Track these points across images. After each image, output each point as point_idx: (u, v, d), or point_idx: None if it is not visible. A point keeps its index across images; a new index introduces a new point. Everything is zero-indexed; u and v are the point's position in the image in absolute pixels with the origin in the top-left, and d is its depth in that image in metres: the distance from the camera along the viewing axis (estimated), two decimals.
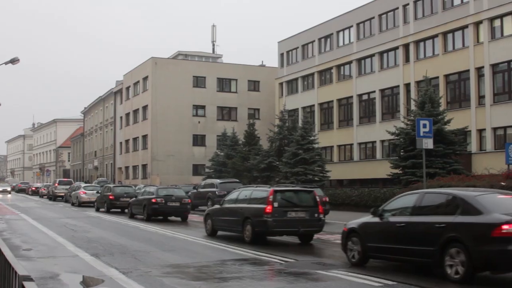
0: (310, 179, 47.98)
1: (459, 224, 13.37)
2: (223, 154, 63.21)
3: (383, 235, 15.64)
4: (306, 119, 54.35)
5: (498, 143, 43.57)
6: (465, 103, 46.94)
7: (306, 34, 67.74)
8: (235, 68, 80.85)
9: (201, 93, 77.55)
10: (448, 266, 13.45)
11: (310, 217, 21.83)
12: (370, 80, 56.82)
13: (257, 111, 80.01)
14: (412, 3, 52.53)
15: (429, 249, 13.82)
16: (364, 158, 57.65)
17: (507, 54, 43.52)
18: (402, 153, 40.72)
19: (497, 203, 13.72)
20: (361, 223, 16.66)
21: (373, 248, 15.80)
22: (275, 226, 21.26)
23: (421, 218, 14.65)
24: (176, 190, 38.31)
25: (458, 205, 13.80)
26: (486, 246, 12.68)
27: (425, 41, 51.33)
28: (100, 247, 20.22)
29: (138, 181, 74.68)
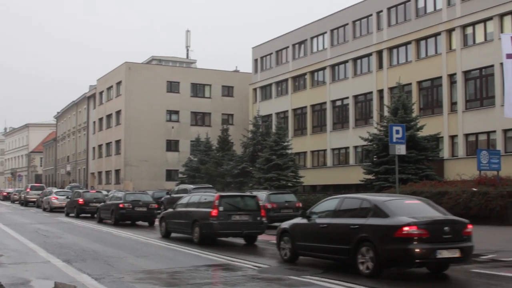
0: (284, 184, 48.05)
1: (369, 226, 15.01)
2: (196, 159, 63.13)
3: (310, 235, 17.23)
4: (280, 124, 54.43)
5: (470, 149, 43.91)
6: (438, 109, 47.25)
7: (280, 40, 67.85)
8: (209, 73, 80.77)
9: (175, 98, 77.36)
10: (360, 263, 15.07)
11: (253, 220, 23.66)
12: (344, 86, 57.01)
13: (231, 116, 80.00)
14: (386, 10, 52.84)
15: (346, 247, 15.42)
16: (338, 164, 57.80)
17: (479, 61, 43.90)
18: (375, 159, 40.91)
19: (403, 207, 15.36)
20: (292, 224, 18.37)
21: (301, 247, 17.53)
22: (220, 228, 23.11)
23: (340, 220, 16.22)
24: (144, 195, 38.88)
25: (369, 209, 15.44)
26: (390, 245, 14.33)
27: (399, 48, 51.63)
28: (72, 253, 20.08)
29: (111, 187, 74.29)
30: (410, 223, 14.19)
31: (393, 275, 15.36)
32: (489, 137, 43.38)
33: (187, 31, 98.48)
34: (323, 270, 16.01)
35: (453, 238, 14.52)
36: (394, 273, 15.53)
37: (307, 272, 15.74)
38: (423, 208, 15.60)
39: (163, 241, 24.37)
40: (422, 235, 14.09)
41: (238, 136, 62.09)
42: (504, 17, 42.77)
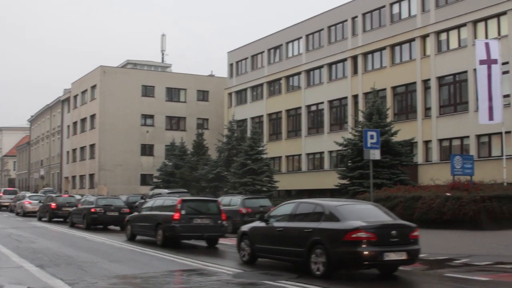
0: (259, 189, 48.08)
1: (322, 230, 15.67)
2: (171, 164, 62.97)
3: (267, 238, 17.90)
4: (255, 129, 54.48)
5: (444, 154, 44.20)
6: (412, 114, 47.53)
7: (255, 44, 67.90)
8: (184, 77, 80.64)
9: (150, 103, 77.16)
10: (313, 264, 15.68)
11: (214, 223, 24.55)
12: (319, 91, 57.17)
13: (206, 121, 79.92)
14: (361, 15, 53.07)
15: (300, 250, 16.09)
16: (312, 168, 57.91)
17: (452, 67, 44.24)
18: (350, 164, 41.04)
19: (354, 212, 16.03)
20: (251, 227, 19.08)
21: (260, 249, 18.21)
22: (182, 231, 23.95)
23: (295, 224, 16.98)
24: (116, 200, 38.99)
25: (322, 213, 16.16)
26: (340, 248, 15.01)
27: (373, 53, 51.88)
28: (45, 257, 19.92)
29: (85, 191, 73.87)
30: (359, 227, 14.89)
31: (369, 277, 15.73)
32: (462, 142, 43.69)
33: (163, 35, 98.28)
34: (298, 275, 16.00)
35: (400, 242, 15.21)
36: (371, 276, 15.88)
37: (282, 277, 15.71)
38: (374, 213, 16.34)
39: (136, 245, 24.30)
40: (370, 239, 14.75)
41: (213, 140, 62.05)
42: (478, 23, 43.16)
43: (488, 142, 41.96)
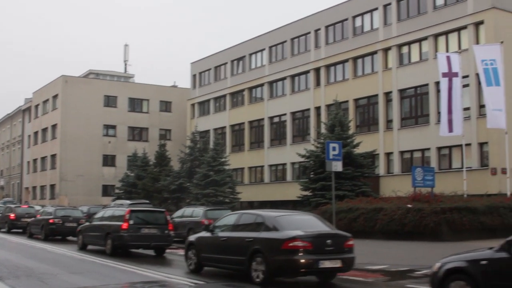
0: (221, 200, 48.04)
1: (261, 239, 16.30)
2: (133, 174, 62.57)
3: (212, 247, 18.49)
4: (218, 140, 54.42)
5: (405, 166, 44.56)
6: (374, 127, 47.88)
7: (219, 56, 67.92)
8: (147, 88, 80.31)
9: (112, 113, 76.73)
10: (254, 272, 16.24)
11: (161, 233, 25.30)
12: (282, 103, 57.33)
13: (169, 132, 79.63)
14: (324, 28, 53.39)
15: (242, 258, 16.64)
16: (275, 180, 57.97)
17: (414, 80, 44.71)
18: (312, 176, 41.17)
19: (293, 222, 16.78)
20: (197, 237, 19.73)
21: (205, 258, 18.76)
22: (130, 240, 24.76)
23: (238, 234, 17.56)
24: (74, 211, 38.89)
25: (262, 223, 16.78)
26: (278, 256, 15.59)
27: (336, 66, 52.20)
28: (5, 269, 19.61)
29: (46, 202, 73.03)
30: (296, 237, 15.53)
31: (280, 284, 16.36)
32: (423, 154, 44.11)
33: (126, 45, 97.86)
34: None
35: (335, 250, 15.89)
36: (310, 284, 16.51)
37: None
38: (312, 223, 17.06)
39: (97, 257, 24.09)
40: (306, 247, 15.38)
41: (175, 151, 61.84)
42: (439, 37, 43.72)
43: (449, 154, 42.41)
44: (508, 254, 11.12)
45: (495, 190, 36.31)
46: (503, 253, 11.22)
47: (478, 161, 40.09)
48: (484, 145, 40.07)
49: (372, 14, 49.28)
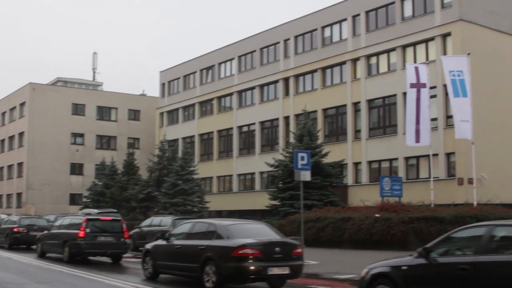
0: (189, 210, 47.87)
1: (213, 247, 17.02)
2: (101, 183, 62.14)
3: (167, 255, 19.10)
4: (186, 149, 54.25)
5: (373, 176, 44.81)
6: (342, 136, 48.10)
7: (188, 64, 67.86)
8: (116, 96, 79.96)
9: (80, 121, 76.25)
10: (206, 279, 16.87)
11: (117, 241, 26.16)
12: (250, 112, 57.39)
13: (137, 140, 79.32)
14: (293, 38, 53.59)
15: (195, 265, 17.29)
16: (243, 189, 57.97)
17: (382, 91, 45.04)
18: (281, 185, 41.22)
19: (244, 230, 17.55)
20: (153, 245, 20.38)
21: (161, 265, 19.37)
22: (87, 248, 25.53)
23: (191, 242, 18.28)
24: (39, 219, 38.77)
25: (214, 232, 17.59)
26: (229, 263, 16.27)
27: (305, 76, 52.40)
28: None
29: (13, 210, 72.23)
30: (245, 244, 16.25)
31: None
32: (391, 164, 44.39)
33: (94, 53, 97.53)
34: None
35: (283, 258, 16.60)
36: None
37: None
38: (263, 231, 17.93)
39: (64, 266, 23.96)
40: (255, 255, 16.09)
41: (144, 160, 61.56)
42: (407, 48, 44.09)
43: (416, 164, 42.72)
44: (426, 260, 12.24)
45: (461, 200, 36.62)
46: (421, 259, 12.34)
47: (445, 171, 40.44)
48: (451, 155, 40.44)
49: (341, 24, 49.57)
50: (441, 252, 12.34)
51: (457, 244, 12.59)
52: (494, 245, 11.71)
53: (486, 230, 11.94)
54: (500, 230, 11.95)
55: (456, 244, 12.61)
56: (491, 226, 12.04)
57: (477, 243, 11.88)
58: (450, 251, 12.43)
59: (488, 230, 11.88)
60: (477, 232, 12.24)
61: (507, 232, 12.07)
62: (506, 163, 41.02)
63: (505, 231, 12.07)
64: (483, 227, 12.21)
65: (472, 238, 12.36)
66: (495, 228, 11.96)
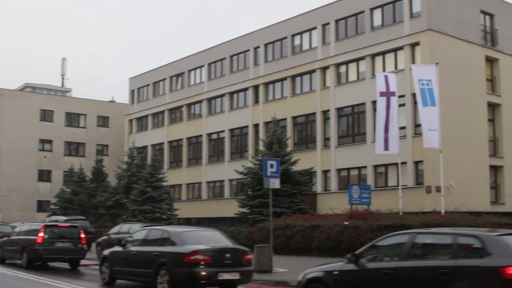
0: (158, 217, 47.69)
1: (166, 253, 17.74)
2: (69, 190, 61.75)
3: (123, 261, 19.72)
4: (155, 156, 54.00)
5: (342, 183, 45.00)
6: (312, 144, 48.23)
7: (157, 71, 67.69)
8: (85, 103, 79.49)
9: (49, 127, 75.67)
10: (159, 284, 17.50)
11: (74, 247, 26.79)
12: (220, 119, 57.36)
13: (106, 147, 78.91)
14: (263, 46, 53.68)
15: (149, 271, 17.92)
16: (213, 197, 57.88)
17: (351, 99, 45.26)
18: (250, 193, 41.24)
19: (196, 237, 18.25)
20: (110, 251, 20.97)
21: (118, 271, 19.96)
22: (45, 253, 26.04)
23: (146, 248, 18.93)
24: (4, 226, 39.29)
25: (168, 238, 18.30)
26: (181, 269, 16.98)
27: (274, 83, 52.48)
28: None
29: None
30: (196, 251, 17.00)
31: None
32: (360, 172, 44.59)
33: (63, 59, 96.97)
34: None
35: (233, 263, 17.43)
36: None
37: None
38: (215, 238, 18.67)
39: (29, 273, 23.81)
40: (206, 260, 16.87)
41: (113, 167, 61.25)
42: (376, 57, 44.36)
43: (385, 172, 42.97)
44: (355, 265, 13.27)
45: (429, 208, 36.89)
46: (351, 265, 13.37)
47: (413, 179, 40.70)
48: (419, 164, 40.72)
49: (311, 33, 49.76)
50: (370, 258, 13.32)
51: (383, 251, 13.57)
52: (415, 251, 12.67)
53: (408, 237, 12.95)
54: (421, 238, 13.00)
55: (382, 250, 13.60)
56: (413, 234, 13.10)
57: (400, 249, 12.88)
58: (377, 257, 13.39)
59: (410, 238, 12.89)
60: (401, 239, 13.19)
61: (427, 239, 13.14)
62: (473, 172, 41.43)
63: (426, 238, 13.14)
64: (406, 235, 13.23)
65: (396, 245, 13.30)
66: (417, 235, 13.01)
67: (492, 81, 45.22)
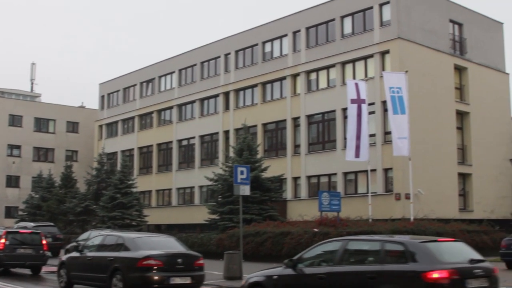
0: (128, 223, 47.48)
1: (120, 258, 18.38)
2: (38, 196, 61.23)
3: (80, 266, 20.27)
4: (125, 163, 53.74)
5: (312, 190, 45.11)
6: (282, 151, 48.31)
7: (128, 77, 67.41)
8: (54, 108, 78.87)
9: (17, 133, 75.00)
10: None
11: (36, 253, 26.95)
12: (190, 126, 57.25)
13: (75, 153, 78.35)
14: (234, 52, 53.69)
15: (104, 276, 18.51)
16: (183, 203, 57.71)
17: (321, 106, 45.42)
18: (220, 199, 41.22)
19: (150, 243, 18.98)
20: (68, 257, 21.63)
21: (75, 276, 20.48)
22: (6, 260, 26.32)
23: (102, 253, 19.48)
24: None
25: (122, 244, 18.93)
26: (134, 273, 17.68)
27: (245, 90, 52.51)
28: None
29: None
30: (149, 256, 17.74)
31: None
32: (330, 179, 44.73)
33: (32, 64, 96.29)
34: None
35: (185, 268, 18.22)
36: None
37: None
38: (169, 244, 19.41)
39: None
40: (158, 265, 17.62)
41: (82, 173, 60.88)
42: (346, 65, 44.58)
43: (355, 179, 43.16)
44: (293, 270, 14.09)
45: (399, 215, 37.13)
46: (289, 270, 14.20)
47: (383, 186, 40.91)
48: (389, 171, 40.94)
49: (282, 40, 49.88)
50: (307, 263, 14.20)
51: (319, 256, 14.43)
52: (347, 257, 13.56)
53: (341, 244, 13.83)
54: (352, 244, 13.90)
55: (318, 256, 14.46)
56: (346, 241, 14.02)
57: (333, 255, 13.77)
58: (313, 262, 14.29)
59: (343, 244, 13.76)
60: (335, 246, 14.06)
61: (358, 246, 14.02)
62: (441, 179, 41.78)
63: (357, 245, 14.04)
64: (339, 242, 14.13)
65: (330, 251, 14.14)
66: (349, 242, 13.92)
67: (460, 89, 45.66)
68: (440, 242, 13.29)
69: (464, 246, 13.35)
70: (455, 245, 13.47)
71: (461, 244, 13.50)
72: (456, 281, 11.87)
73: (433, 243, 12.95)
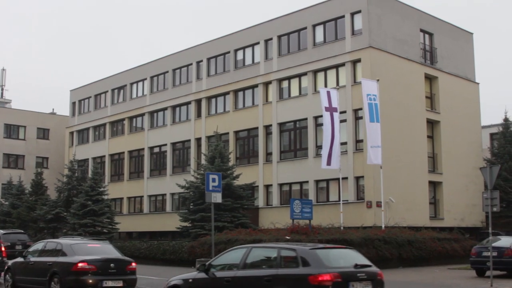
0: (99, 231, 47.23)
1: (58, 263, 19.87)
2: (8, 203, 60.67)
3: (23, 270, 21.68)
4: (96, 169, 53.40)
5: (284, 198, 45.22)
6: (254, 159, 48.37)
7: (99, 84, 67.13)
8: (24, 114, 78.21)
9: None
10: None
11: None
12: (162, 133, 57.14)
13: (46, 159, 77.77)
14: (206, 60, 53.71)
15: (44, 279, 19.93)
16: (154, 210, 57.53)
17: (293, 114, 45.56)
18: (192, 207, 41.20)
19: (86, 249, 20.40)
20: (13, 262, 22.77)
21: (19, 280, 21.83)
22: None
23: (42, 258, 20.89)
24: None
25: (60, 250, 20.43)
26: (70, 277, 19.13)
27: (217, 98, 52.53)
28: None
29: None
30: (83, 261, 19.14)
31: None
32: (302, 187, 44.86)
33: (3, 70, 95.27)
34: None
35: (117, 272, 19.58)
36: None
37: None
38: (104, 250, 20.94)
39: None
40: (92, 270, 19.06)
41: (53, 180, 60.45)
42: (318, 73, 44.77)
43: (326, 187, 43.32)
44: (205, 274, 15.39)
45: (370, 223, 37.39)
46: (202, 274, 15.50)
47: (354, 194, 41.08)
48: (360, 179, 41.12)
49: (254, 48, 50.00)
50: (218, 268, 15.49)
51: (227, 261, 15.66)
52: (250, 262, 14.83)
53: (245, 250, 15.19)
54: (255, 251, 15.20)
55: (226, 261, 15.70)
56: (250, 247, 15.42)
57: (239, 260, 15.00)
58: (224, 266, 15.53)
59: (247, 251, 15.12)
60: (241, 252, 15.35)
61: (259, 252, 15.30)
62: (412, 187, 42.04)
63: (258, 251, 15.32)
64: (244, 248, 15.51)
65: (237, 257, 15.25)
66: (252, 249, 15.27)
67: (431, 98, 46.01)
68: (329, 249, 14.80)
69: (354, 253, 14.82)
70: (344, 252, 15.00)
71: (351, 251, 15.04)
72: (339, 283, 13.17)
73: (323, 249, 14.37)
